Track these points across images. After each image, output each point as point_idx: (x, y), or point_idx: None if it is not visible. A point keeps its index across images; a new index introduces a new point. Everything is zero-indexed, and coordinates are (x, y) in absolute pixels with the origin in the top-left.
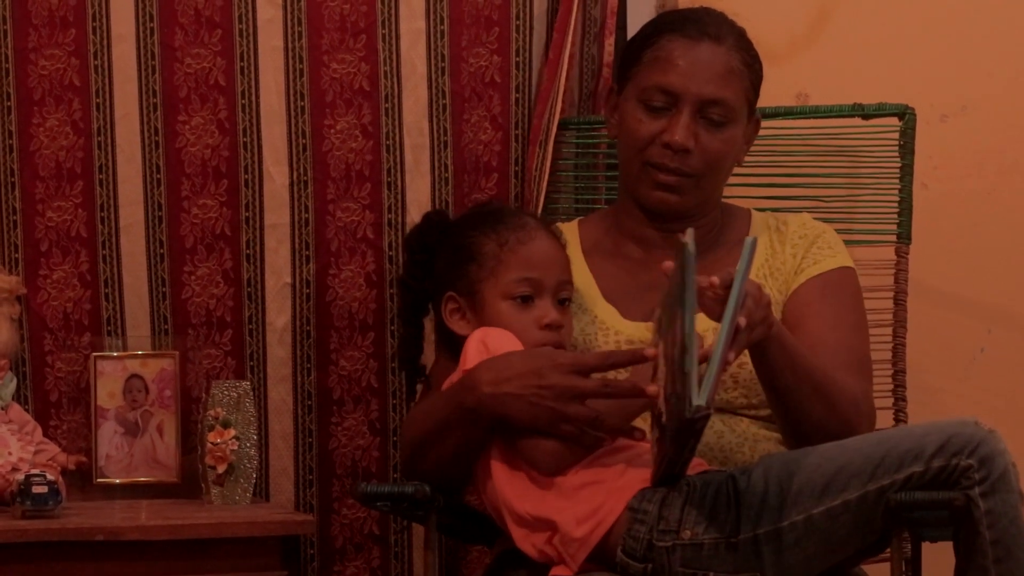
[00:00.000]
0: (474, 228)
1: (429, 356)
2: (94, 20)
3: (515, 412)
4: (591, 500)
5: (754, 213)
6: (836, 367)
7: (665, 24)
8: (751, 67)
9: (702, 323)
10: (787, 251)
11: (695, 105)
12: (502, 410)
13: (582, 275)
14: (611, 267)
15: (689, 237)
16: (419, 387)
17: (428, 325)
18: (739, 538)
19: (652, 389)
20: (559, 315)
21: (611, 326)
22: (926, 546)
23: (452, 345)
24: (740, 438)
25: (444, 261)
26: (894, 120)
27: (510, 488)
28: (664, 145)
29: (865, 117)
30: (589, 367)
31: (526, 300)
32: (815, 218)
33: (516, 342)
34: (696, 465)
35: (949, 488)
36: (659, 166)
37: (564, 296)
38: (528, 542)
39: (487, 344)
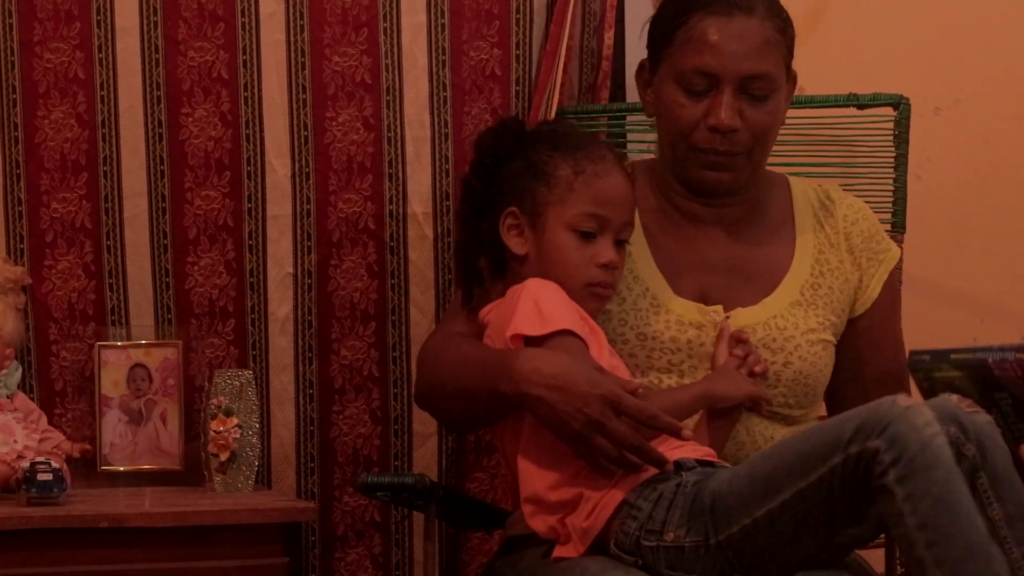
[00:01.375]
0: (553, 148)
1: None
2: (98, 13)
3: (545, 419)
4: (601, 489)
5: (792, 183)
6: (896, 381)
7: (691, 3)
8: (785, 32)
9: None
10: (842, 244)
11: (736, 83)
12: (533, 411)
13: (636, 233)
14: (660, 230)
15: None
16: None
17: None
18: (712, 542)
19: (669, 467)
20: (616, 256)
21: (663, 302)
22: None
23: (496, 257)
24: (760, 439)
25: (513, 173)
26: (889, 110)
27: (535, 467)
28: (710, 128)
29: (860, 107)
30: (629, 411)
31: (588, 236)
32: None
33: (570, 307)
34: (705, 454)
35: (867, 476)
36: (707, 150)
37: (624, 237)
38: (538, 518)
39: (541, 309)
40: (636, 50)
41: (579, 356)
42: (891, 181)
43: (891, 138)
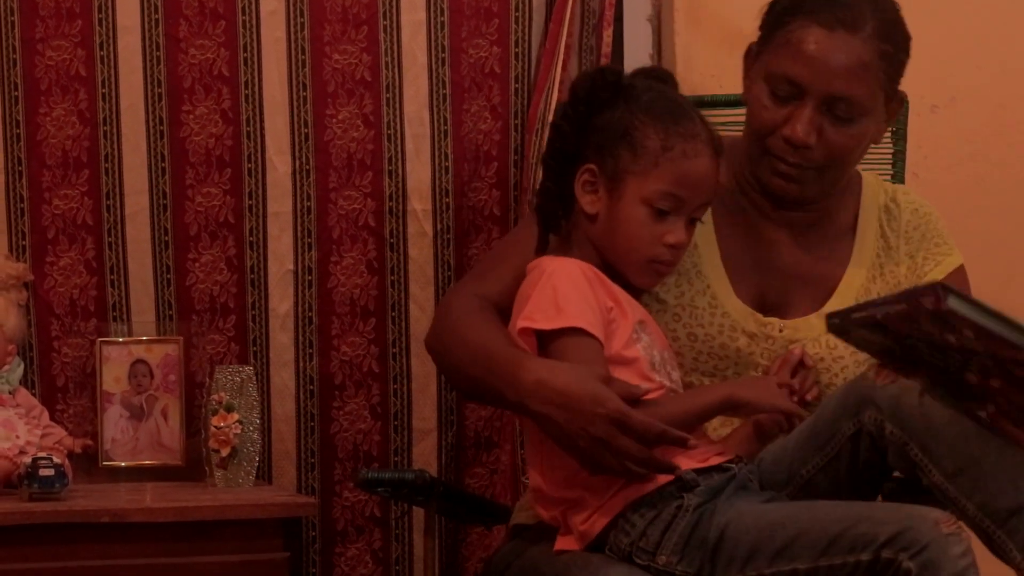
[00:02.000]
0: (647, 113)
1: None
2: (100, 11)
3: (550, 434)
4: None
5: (864, 183)
6: None
7: (801, 5)
8: (890, 57)
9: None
10: (901, 248)
11: (820, 99)
12: (538, 424)
13: (706, 220)
14: (728, 223)
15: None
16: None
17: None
18: None
19: (679, 472)
20: (686, 237)
21: (720, 302)
22: None
23: (567, 208)
24: None
25: (602, 129)
26: None
27: (540, 460)
28: (785, 139)
29: None
30: (635, 429)
31: (662, 213)
32: None
33: (588, 300)
34: (717, 453)
35: None
36: (779, 157)
37: (698, 216)
38: (541, 506)
39: (557, 299)
40: (635, 48)
41: (587, 364)
42: (889, 177)
43: (889, 135)
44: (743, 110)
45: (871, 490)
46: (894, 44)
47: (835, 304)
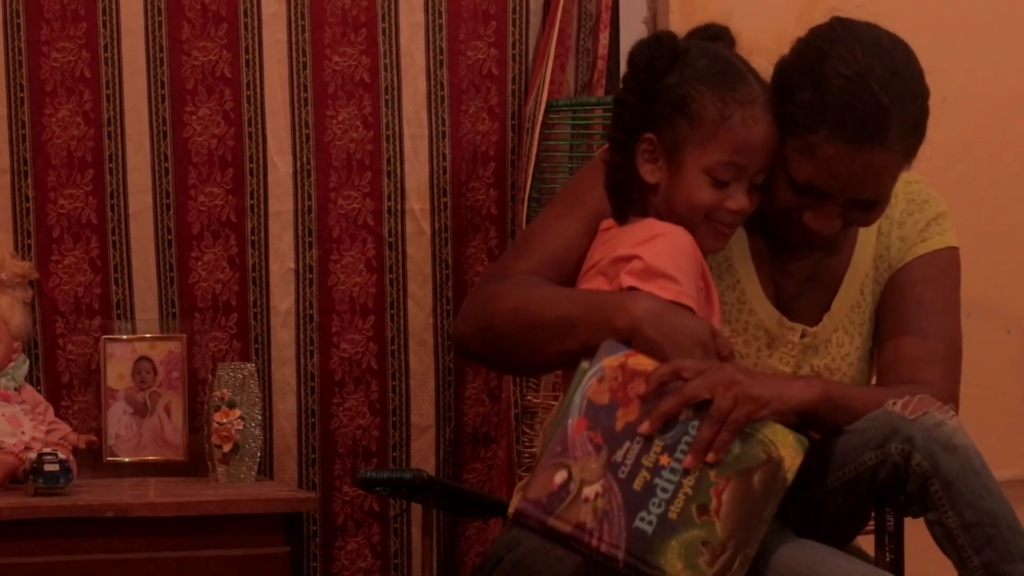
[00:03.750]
0: (704, 81)
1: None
2: (104, 14)
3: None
4: None
5: None
6: (923, 359)
7: (823, 115)
8: (912, 150)
9: None
10: (893, 232)
11: (844, 200)
12: (641, 349)
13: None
14: (753, 219)
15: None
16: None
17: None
18: None
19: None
20: (748, 203)
21: (748, 300)
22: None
23: (631, 177)
24: None
25: (660, 99)
26: None
27: None
28: (807, 227)
29: None
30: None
31: (723, 183)
32: None
33: (697, 274)
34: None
35: None
36: (799, 237)
37: (758, 181)
38: None
39: (676, 270)
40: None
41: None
42: None
43: None
44: None
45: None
46: (919, 132)
47: (842, 299)
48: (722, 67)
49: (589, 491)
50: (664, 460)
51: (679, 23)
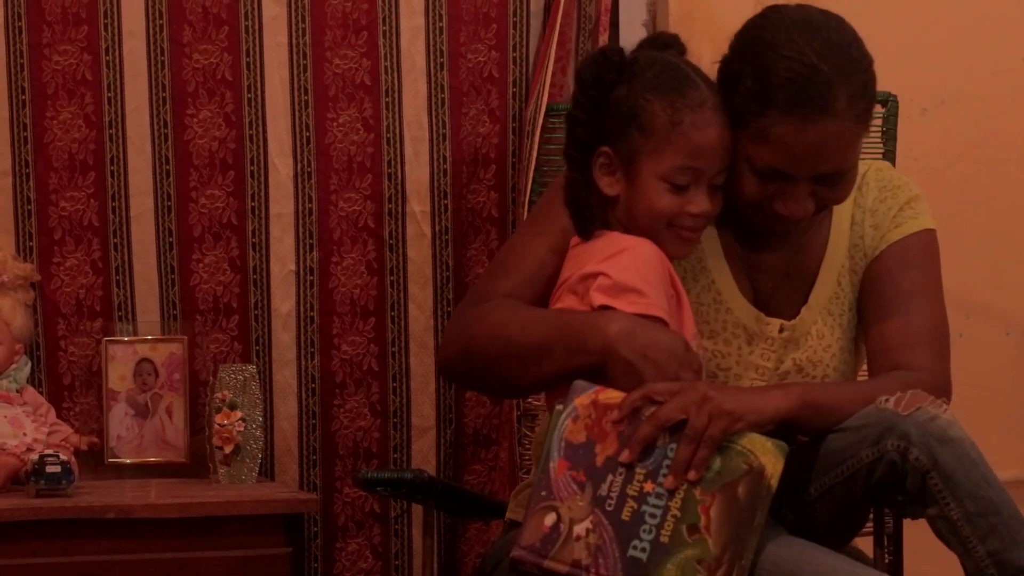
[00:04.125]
0: (652, 90)
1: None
2: (106, 17)
3: (628, 381)
4: None
5: None
6: (911, 344)
7: (768, 96)
8: (866, 111)
9: None
10: (866, 221)
11: (809, 179)
12: (615, 372)
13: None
14: (726, 219)
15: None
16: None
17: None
18: None
19: None
20: (710, 206)
21: (724, 299)
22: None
23: (583, 195)
24: None
25: (610, 112)
26: (877, 107)
27: None
28: (776, 216)
29: None
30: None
31: (682, 187)
32: None
33: (666, 286)
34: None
35: None
36: (779, 222)
37: (718, 182)
38: None
39: (639, 271)
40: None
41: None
42: None
43: (879, 135)
44: None
45: (877, 508)
46: (867, 98)
47: (819, 292)
48: (669, 74)
49: (579, 528)
50: (648, 487)
51: (678, 25)
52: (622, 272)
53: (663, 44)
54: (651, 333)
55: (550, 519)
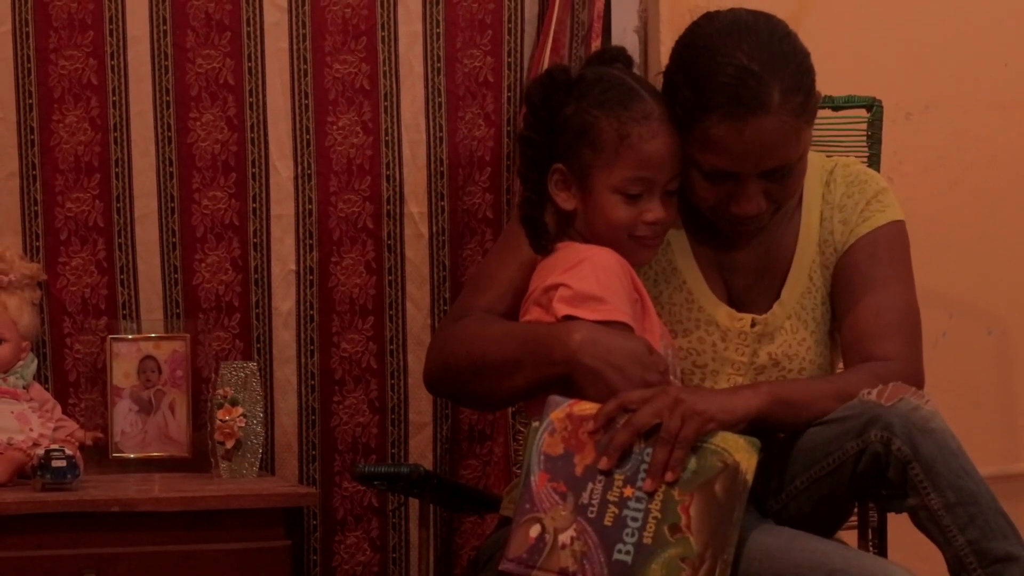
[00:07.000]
0: (599, 106)
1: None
2: (111, 23)
3: (595, 390)
4: None
5: (808, 162)
6: (881, 334)
7: (704, 100)
8: (803, 103)
9: None
10: (835, 216)
11: (756, 175)
12: (582, 381)
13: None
14: (695, 221)
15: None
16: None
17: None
18: None
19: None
20: (664, 213)
21: (696, 298)
22: (890, 516)
23: (537, 212)
24: None
25: (561, 130)
26: (862, 112)
27: None
28: (735, 216)
29: (835, 109)
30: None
31: (636, 197)
32: None
33: (629, 292)
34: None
35: None
36: (735, 224)
37: (672, 188)
38: None
39: (598, 279)
40: None
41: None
42: None
43: (864, 139)
44: None
45: (861, 501)
46: (803, 91)
47: (791, 287)
48: (615, 90)
49: (564, 537)
50: (628, 492)
51: (669, 31)
52: (582, 281)
53: (610, 58)
54: (613, 339)
55: (535, 530)
